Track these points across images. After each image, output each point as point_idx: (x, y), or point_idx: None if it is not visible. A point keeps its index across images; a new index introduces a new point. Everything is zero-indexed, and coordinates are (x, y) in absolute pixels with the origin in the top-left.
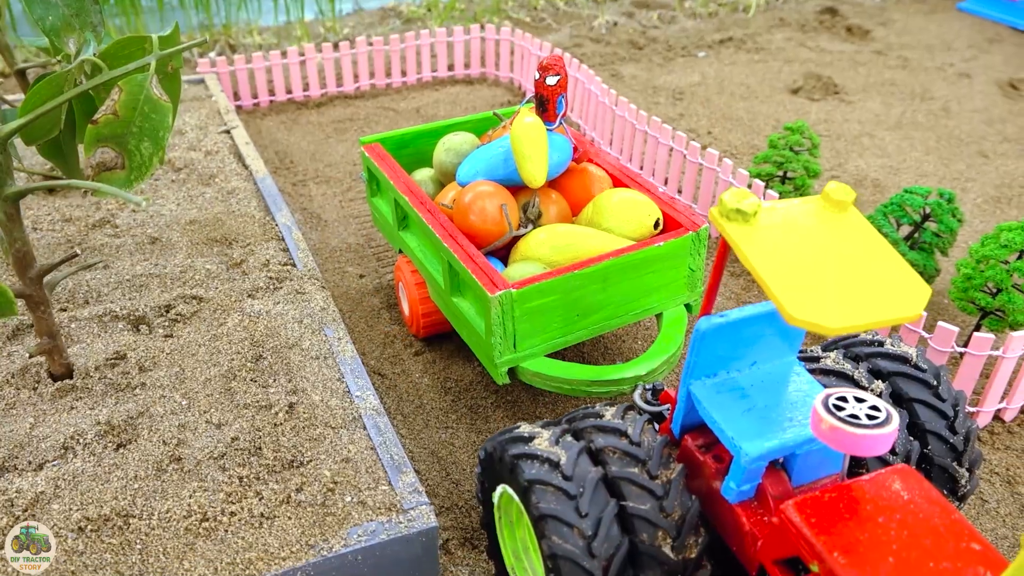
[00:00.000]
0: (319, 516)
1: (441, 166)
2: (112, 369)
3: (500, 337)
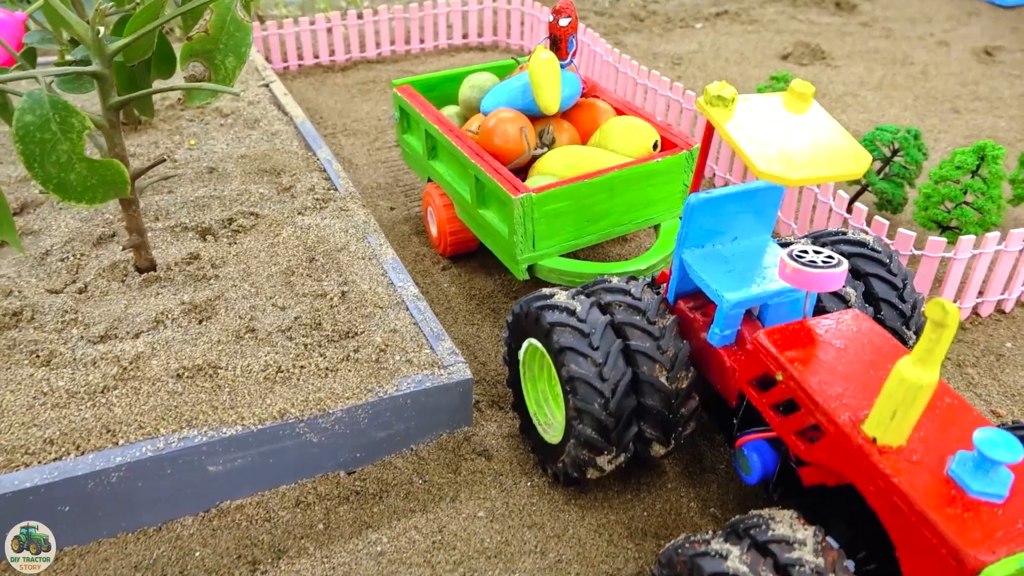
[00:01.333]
0: (374, 370)
1: (466, 101)
2: (188, 265)
3: (521, 236)
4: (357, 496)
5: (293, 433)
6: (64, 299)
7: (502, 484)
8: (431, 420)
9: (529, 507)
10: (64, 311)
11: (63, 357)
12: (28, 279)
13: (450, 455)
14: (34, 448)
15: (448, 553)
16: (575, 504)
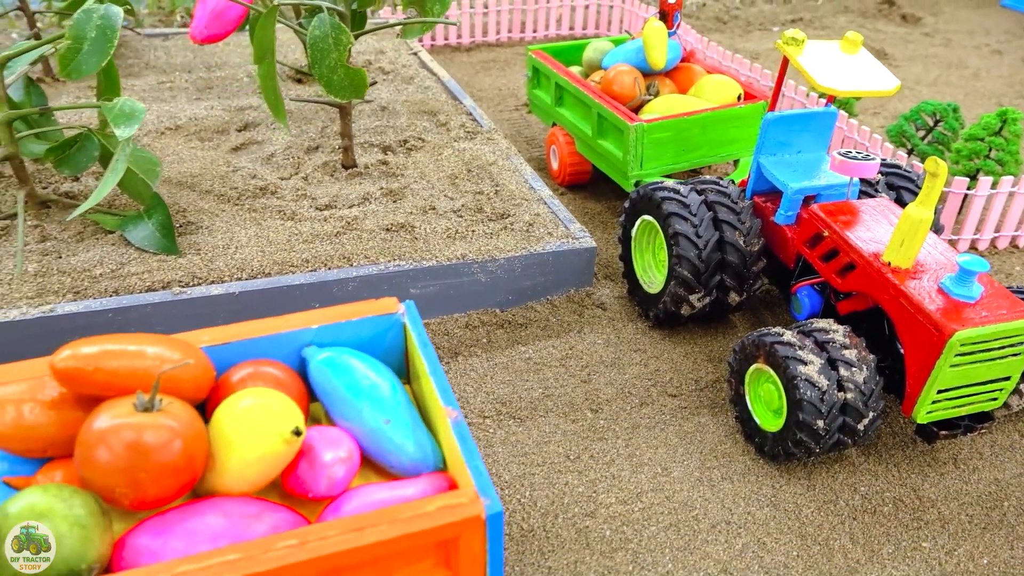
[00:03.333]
0: (524, 236)
1: (589, 61)
2: (380, 167)
3: (632, 157)
4: (509, 324)
5: (469, 271)
6: (294, 182)
7: (614, 325)
8: (563, 277)
9: (635, 339)
10: (296, 189)
11: (302, 216)
12: (263, 170)
13: (576, 305)
14: (297, 264)
15: (576, 360)
16: (669, 340)
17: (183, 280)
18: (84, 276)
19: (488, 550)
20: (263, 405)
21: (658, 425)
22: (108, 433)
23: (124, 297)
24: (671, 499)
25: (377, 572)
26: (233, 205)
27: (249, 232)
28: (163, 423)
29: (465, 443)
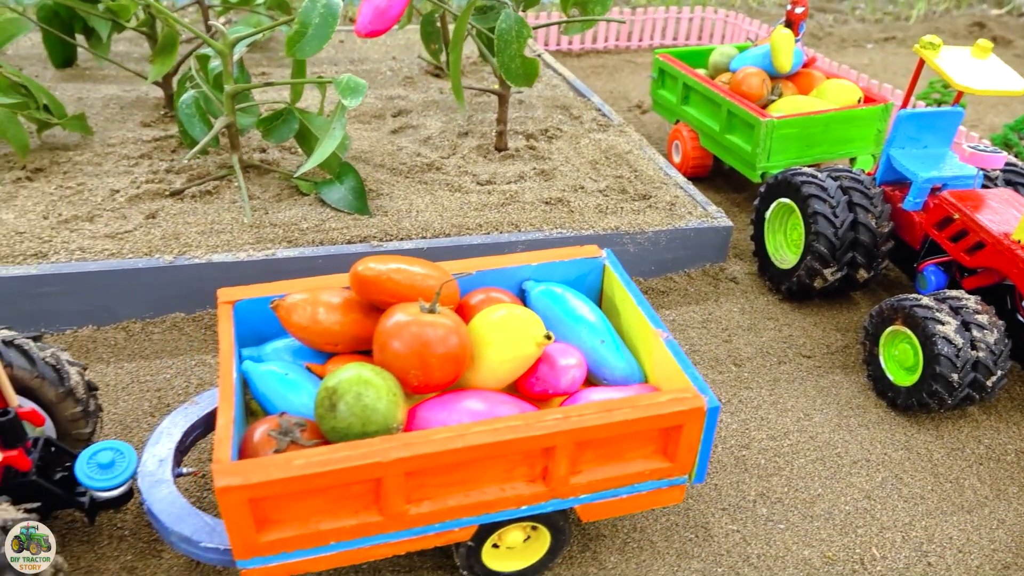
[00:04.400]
0: (668, 214)
1: (715, 64)
2: (528, 151)
3: (760, 150)
4: (652, 291)
5: (620, 242)
6: (454, 161)
7: (747, 297)
8: (700, 252)
9: (767, 309)
10: (457, 167)
11: (468, 188)
12: (424, 150)
13: (710, 278)
14: (472, 227)
15: (716, 324)
16: (799, 311)
17: (377, 236)
18: (293, 229)
19: (702, 439)
20: (515, 315)
21: (796, 380)
22: (405, 327)
23: (330, 247)
24: (815, 439)
25: (612, 451)
26: (404, 178)
27: (425, 200)
28: (444, 322)
29: (679, 355)
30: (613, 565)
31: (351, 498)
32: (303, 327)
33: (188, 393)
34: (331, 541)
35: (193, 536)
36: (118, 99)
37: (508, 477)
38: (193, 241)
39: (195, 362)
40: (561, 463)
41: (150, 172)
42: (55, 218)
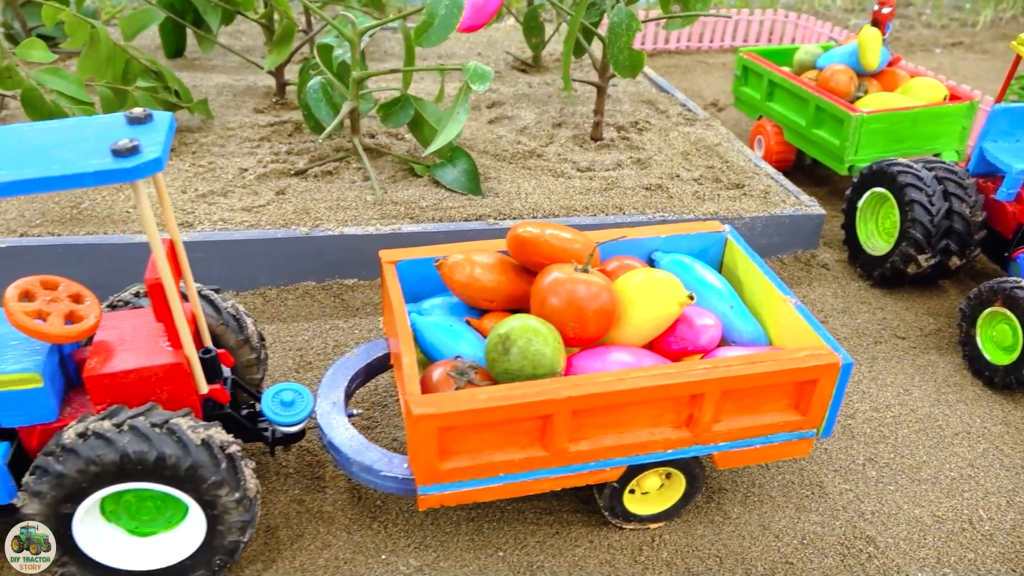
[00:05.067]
0: (763, 201)
1: (801, 62)
2: (623, 141)
3: (849, 144)
4: None
5: None
6: (553, 148)
7: (839, 282)
8: (793, 239)
9: (859, 294)
10: (557, 154)
11: (569, 174)
12: (523, 139)
13: (802, 264)
14: (579, 209)
15: (811, 305)
16: (890, 296)
17: (491, 215)
18: (414, 206)
19: (833, 395)
20: (658, 278)
21: (893, 359)
22: (564, 284)
23: (449, 223)
24: (915, 412)
25: (750, 402)
26: (508, 163)
27: (531, 183)
28: (599, 281)
29: (809, 319)
30: (737, 515)
31: (521, 433)
32: (464, 284)
33: (326, 353)
34: (500, 473)
35: (374, 466)
36: (230, 87)
37: (657, 422)
38: (323, 216)
39: (329, 326)
40: (707, 410)
41: (272, 153)
42: (193, 192)
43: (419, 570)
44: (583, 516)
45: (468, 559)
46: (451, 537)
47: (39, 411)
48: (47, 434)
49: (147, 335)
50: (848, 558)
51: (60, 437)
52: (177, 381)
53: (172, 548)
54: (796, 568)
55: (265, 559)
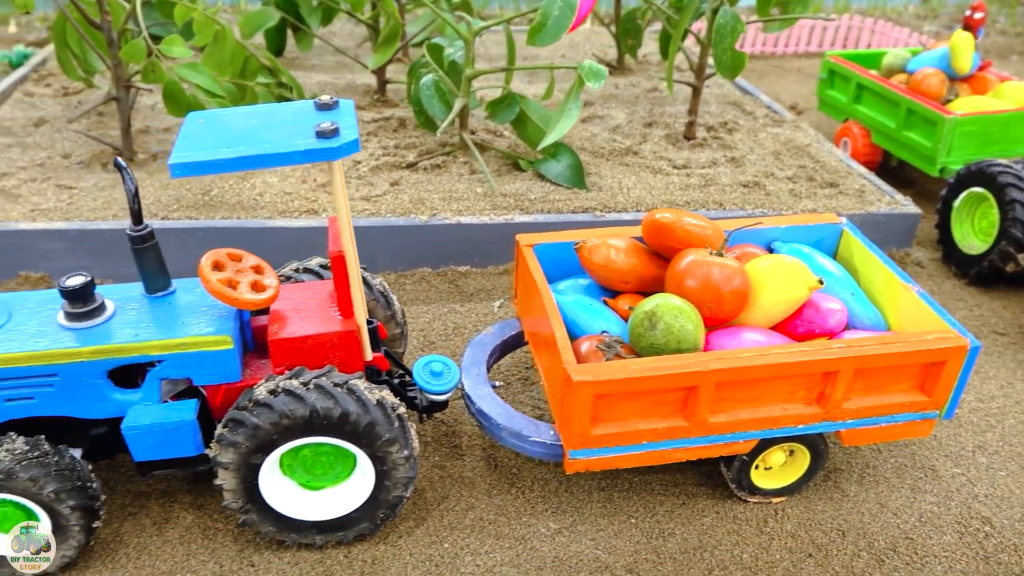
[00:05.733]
0: (858, 199)
1: (889, 66)
2: (715, 141)
3: (942, 145)
4: None
5: None
6: (648, 146)
7: (934, 280)
8: (888, 237)
9: (955, 291)
10: (652, 152)
11: (666, 171)
12: (617, 137)
13: (896, 261)
14: (680, 203)
15: None
16: (986, 295)
17: (597, 208)
18: (523, 199)
19: (959, 377)
20: (788, 263)
21: (994, 353)
22: (701, 266)
23: (558, 215)
24: (1020, 404)
25: (879, 381)
26: (606, 160)
27: (631, 179)
28: (734, 264)
29: (933, 305)
30: (855, 494)
31: (665, 404)
32: (601, 266)
33: (447, 334)
34: (643, 441)
35: (523, 432)
36: (331, 85)
37: (790, 398)
38: (437, 206)
39: (446, 309)
40: (839, 388)
41: (381, 148)
42: (312, 183)
43: (559, 532)
44: (707, 489)
45: (603, 524)
46: (584, 504)
47: (227, 371)
48: (230, 393)
49: (317, 305)
50: (966, 536)
51: (252, 393)
52: (348, 347)
53: (339, 501)
54: (916, 544)
55: (416, 517)
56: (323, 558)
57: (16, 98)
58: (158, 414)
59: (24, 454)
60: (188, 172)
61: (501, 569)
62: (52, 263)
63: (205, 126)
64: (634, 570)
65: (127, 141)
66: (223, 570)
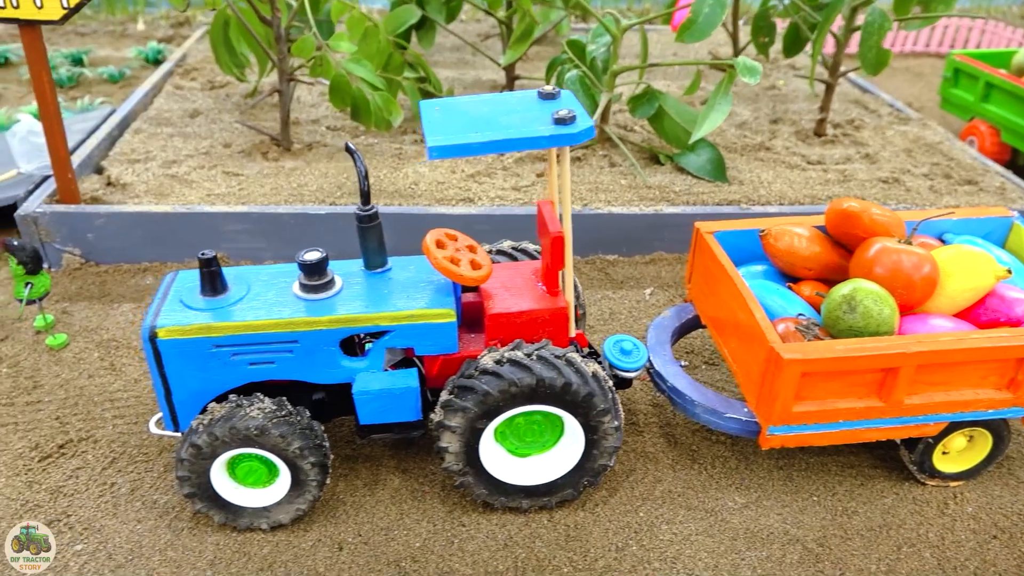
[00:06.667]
0: (1000, 197)
1: (1020, 65)
2: (845, 137)
3: None
4: None
5: None
6: (779, 142)
7: None
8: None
9: None
10: (784, 147)
11: (802, 167)
12: (746, 133)
13: None
14: (822, 198)
15: None
16: None
17: (742, 200)
18: (667, 191)
19: None
20: (974, 252)
21: None
22: (892, 254)
23: (704, 207)
24: None
25: None
26: (739, 155)
27: (768, 174)
28: (923, 252)
29: None
30: None
31: (863, 384)
32: (786, 252)
33: (603, 319)
34: (839, 420)
35: (718, 408)
36: (458, 80)
37: (981, 383)
38: (586, 197)
39: (600, 296)
40: None
41: None
42: (461, 173)
43: (745, 506)
44: (882, 471)
45: (787, 500)
46: (766, 481)
47: (447, 343)
48: (446, 364)
49: (523, 283)
50: None
51: (477, 363)
52: (558, 324)
53: (547, 468)
54: None
55: (608, 488)
56: (528, 521)
57: (168, 91)
58: (385, 381)
59: (273, 413)
60: (445, 154)
61: (697, 539)
62: (232, 244)
63: (443, 113)
64: (824, 544)
65: (285, 132)
66: (436, 529)
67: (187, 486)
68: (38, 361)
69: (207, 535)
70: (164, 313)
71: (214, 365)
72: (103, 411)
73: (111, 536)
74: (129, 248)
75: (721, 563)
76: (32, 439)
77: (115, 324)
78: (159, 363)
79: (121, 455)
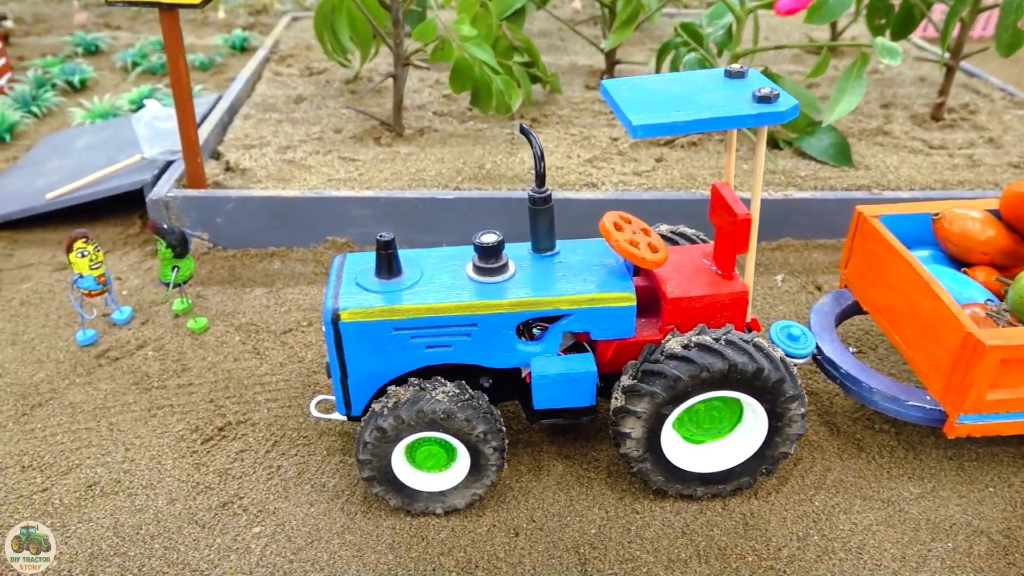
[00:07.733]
0: None
1: None
2: (963, 121)
3: None
4: None
5: None
6: (896, 127)
7: None
8: None
9: None
10: (904, 132)
11: (925, 152)
12: (857, 118)
13: None
14: (952, 183)
15: None
16: None
17: (871, 186)
18: (793, 175)
19: None
20: None
21: None
22: None
23: (834, 192)
24: None
25: None
26: (857, 139)
27: (893, 158)
28: None
29: None
30: None
31: None
32: (960, 235)
33: None
34: None
35: (899, 396)
36: (554, 65)
37: None
38: (709, 181)
39: None
40: None
41: None
42: (577, 158)
43: (922, 496)
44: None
45: (963, 491)
46: (937, 471)
47: (624, 327)
48: (620, 348)
49: (695, 267)
50: None
51: (663, 348)
52: (736, 308)
53: (725, 455)
54: None
55: (779, 476)
56: (703, 509)
57: (267, 77)
58: (563, 365)
59: (457, 396)
60: (649, 133)
61: (879, 529)
62: (358, 229)
63: (633, 92)
64: (1011, 536)
65: (398, 117)
66: (609, 516)
67: (367, 469)
68: (182, 344)
69: (381, 519)
70: (343, 296)
71: (392, 348)
72: (255, 395)
73: (287, 519)
74: (255, 233)
75: (908, 554)
76: (191, 421)
77: (251, 308)
78: (339, 346)
79: (281, 438)
